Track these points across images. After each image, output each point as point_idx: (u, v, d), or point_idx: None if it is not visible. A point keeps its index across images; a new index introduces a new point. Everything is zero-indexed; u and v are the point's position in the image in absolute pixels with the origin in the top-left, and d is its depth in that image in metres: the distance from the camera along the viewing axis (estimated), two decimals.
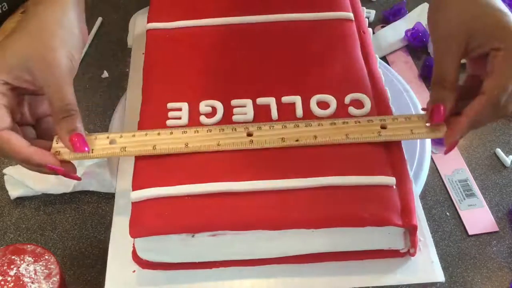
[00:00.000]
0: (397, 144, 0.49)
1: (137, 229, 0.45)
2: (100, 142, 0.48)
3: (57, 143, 0.47)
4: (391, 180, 0.46)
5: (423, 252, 0.47)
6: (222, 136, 0.49)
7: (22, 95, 0.48)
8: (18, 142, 0.45)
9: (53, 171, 0.46)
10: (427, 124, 0.48)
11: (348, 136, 0.48)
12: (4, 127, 0.45)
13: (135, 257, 0.47)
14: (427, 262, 0.47)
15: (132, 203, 0.46)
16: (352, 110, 0.51)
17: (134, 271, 0.47)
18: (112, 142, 0.48)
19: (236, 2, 0.60)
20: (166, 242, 0.45)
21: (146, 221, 0.45)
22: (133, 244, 0.47)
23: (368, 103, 0.51)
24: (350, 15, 0.59)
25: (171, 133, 0.49)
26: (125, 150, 0.48)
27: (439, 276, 0.46)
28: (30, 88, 0.46)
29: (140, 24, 0.64)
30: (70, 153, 0.47)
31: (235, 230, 0.45)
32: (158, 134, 0.49)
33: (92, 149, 0.48)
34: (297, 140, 0.48)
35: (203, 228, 0.45)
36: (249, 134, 0.49)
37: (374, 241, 0.46)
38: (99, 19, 0.80)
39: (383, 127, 0.49)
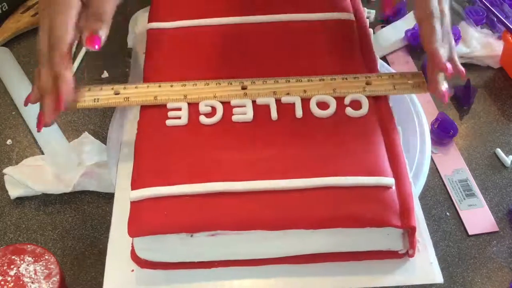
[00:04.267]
0: (397, 144, 0.49)
1: (136, 228, 0.45)
2: (105, 93, 0.51)
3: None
4: (390, 181, 0.46)
5: (422, 253, 0.47)
6: (219, 89, 0.51)
7: None
8: (68, 35, 0.47)
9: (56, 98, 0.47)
10: (409, 82, 0.52)
11: (335, 91, 0.51)
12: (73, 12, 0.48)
13: (134, 256, 0.47)
14: (426, 263, 0.47)
15: (131, 202, 0.46)
16: (350, 110, 0.51)
17: (132, 271, 0.47)
18: (116, 93, 0.51)
19: (236, 2, 0.60)
20: (165, 241, 0.45)
21: (144, 220, 0.45)
22: (132, 243, 0.47)
23: (367, 104, 0.51)
24: (351, 15, 0.59)
25: (171, 86, 0.52)
26: (128, 100, 0.51)
27: (438, 277, 0.46)
28: None
29: (140, 24, 0.65)
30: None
31: (234, 230, 0.45)
32: (159, 86, 0.52)
33: (98, 99, 0.51)
34: (288, 94, 0.51)
35: (202, 228, 0.45)
36: (244, 88, 0.51)
37: (373, 242, 0.46)
38: None
39: (368, 83, 0.52)
